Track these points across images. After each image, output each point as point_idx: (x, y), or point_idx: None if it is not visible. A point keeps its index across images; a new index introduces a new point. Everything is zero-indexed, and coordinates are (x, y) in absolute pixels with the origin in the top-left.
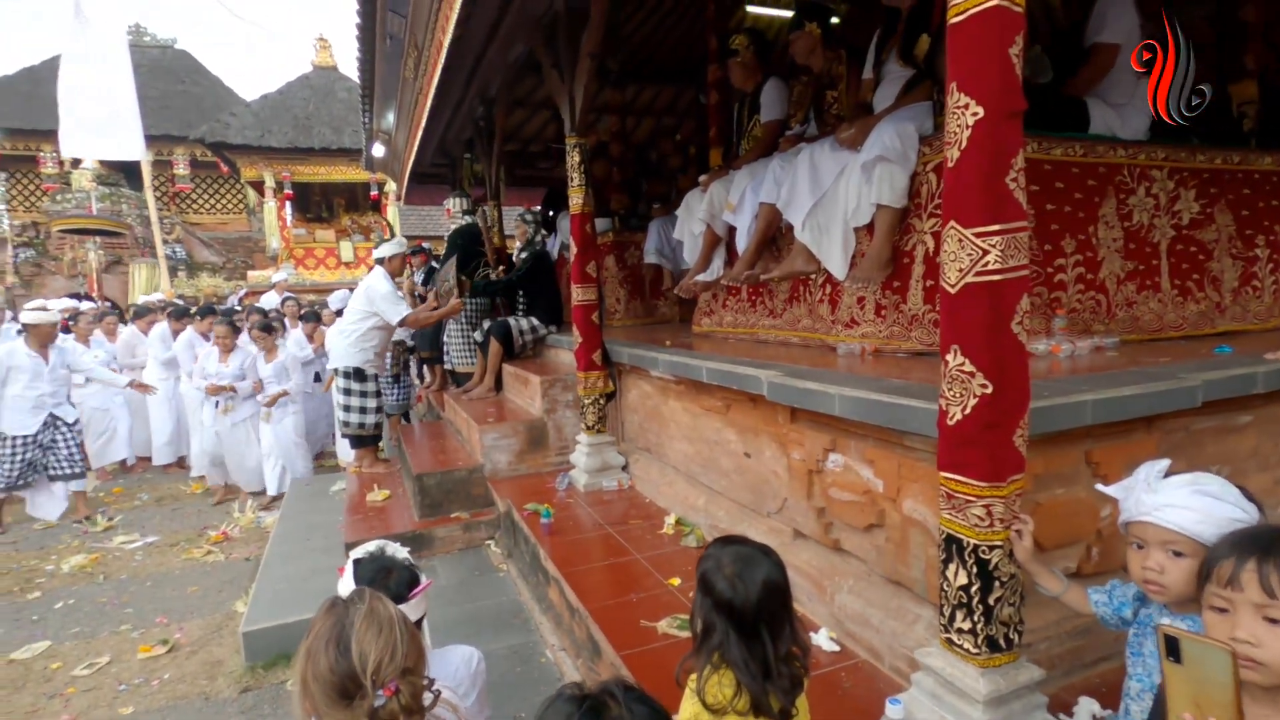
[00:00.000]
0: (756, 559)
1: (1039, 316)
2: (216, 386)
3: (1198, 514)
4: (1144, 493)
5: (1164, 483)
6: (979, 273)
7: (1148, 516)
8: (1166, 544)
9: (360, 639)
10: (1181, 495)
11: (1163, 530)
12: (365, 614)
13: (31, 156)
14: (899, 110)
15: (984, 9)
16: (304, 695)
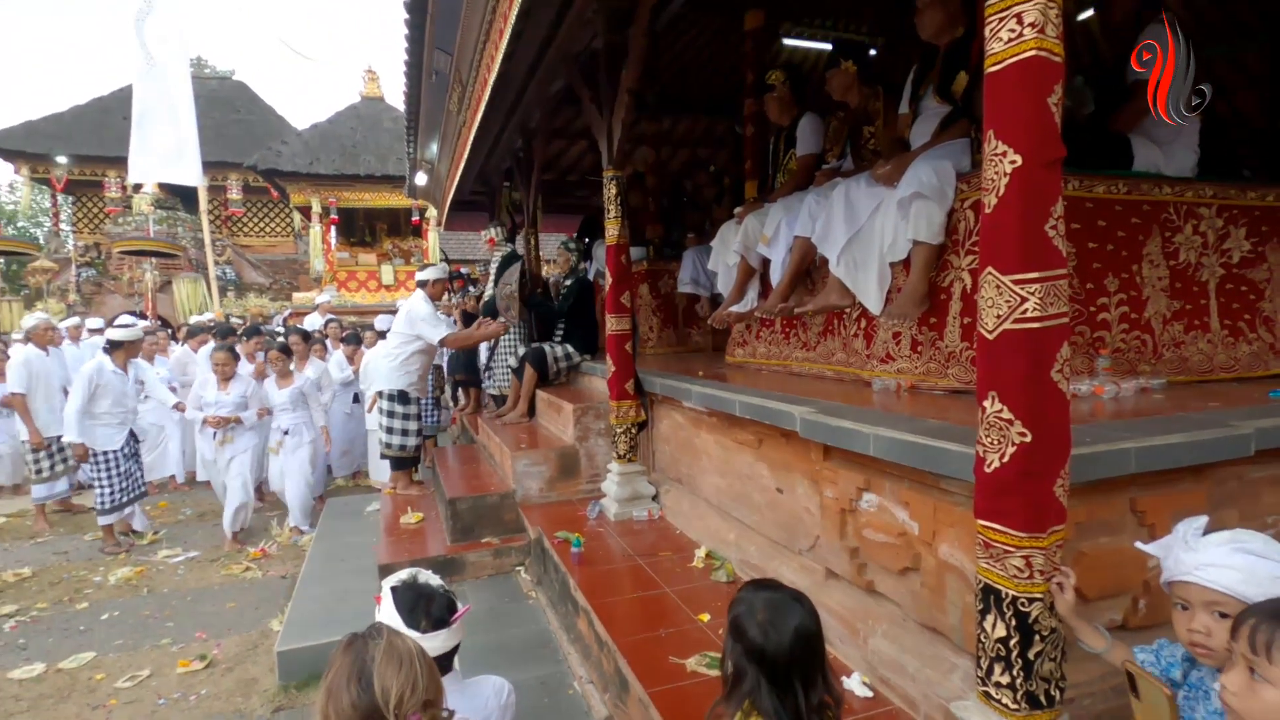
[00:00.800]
0: (789, 606)
1: (1082, 356)
2: (219, 419)
3: (1240, 573)
4: (1183, 551)
5: (1203, 540)
6: (1017, 320)
7: (1188, 576)
8: (1211, 605)
9: (381, 674)
10: (1222, 554)
11: (1205, 590)
12: (385, 649)
13: (98, 181)
14: (936, 147)
15: (1022, 59)
16: None
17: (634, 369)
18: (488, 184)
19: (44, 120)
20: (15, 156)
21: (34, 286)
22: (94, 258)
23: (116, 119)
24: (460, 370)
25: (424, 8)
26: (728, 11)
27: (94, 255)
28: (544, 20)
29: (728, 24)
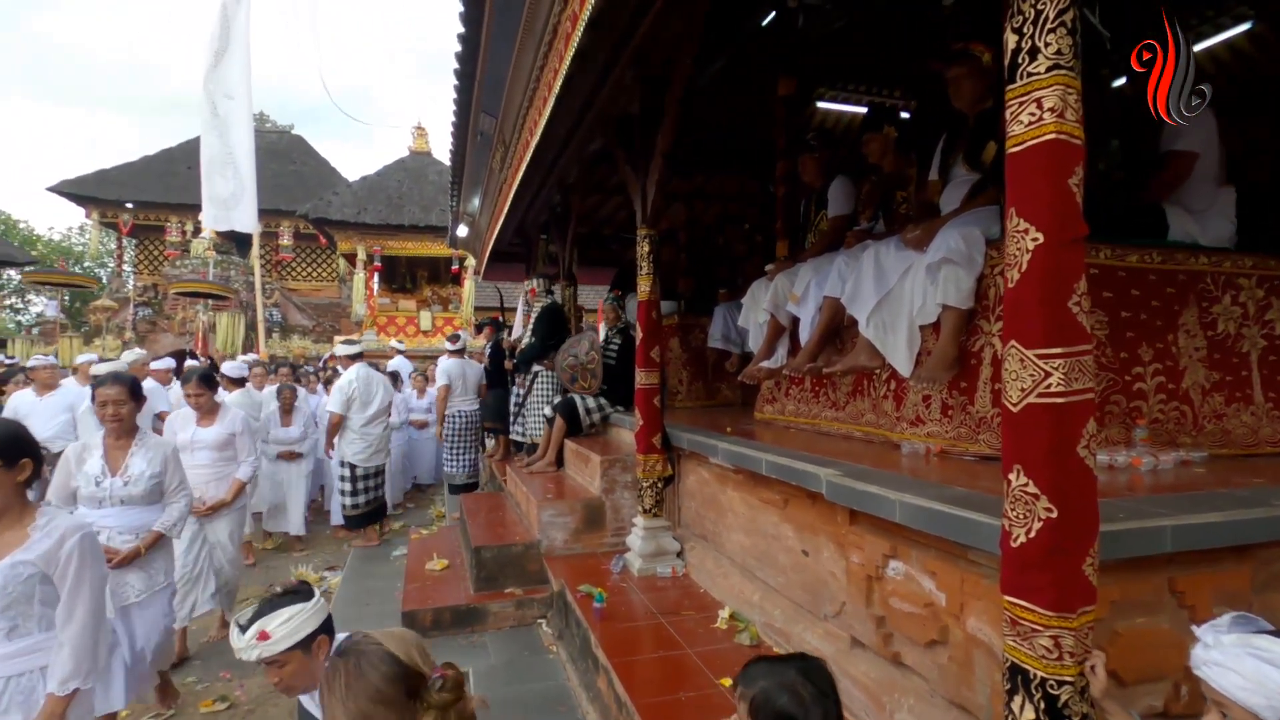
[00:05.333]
0: (810, 699)
1: (1118, 426)
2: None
3: (1245, 680)
4: (1201, 643)
5: (1223, 636)
6: (1041, 394)
7: (1197, 670)
8: (1218, 705)
9: (390, 643)
10: (1232, 655)
11: (1211, 689)
12: (373, 634)
13: (160, 226)
14: (966, 214)
15: (1043, 141)
16: None
17: (662, 423)
18: (525, 236)
19: (115, 169)
20: (87, 202)
21: (94, 324)
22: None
23: (181, 168)
24: (491, 417)
25: (472, 74)
26: (761, 78)
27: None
28: (584, 87)
29: (761, 89)
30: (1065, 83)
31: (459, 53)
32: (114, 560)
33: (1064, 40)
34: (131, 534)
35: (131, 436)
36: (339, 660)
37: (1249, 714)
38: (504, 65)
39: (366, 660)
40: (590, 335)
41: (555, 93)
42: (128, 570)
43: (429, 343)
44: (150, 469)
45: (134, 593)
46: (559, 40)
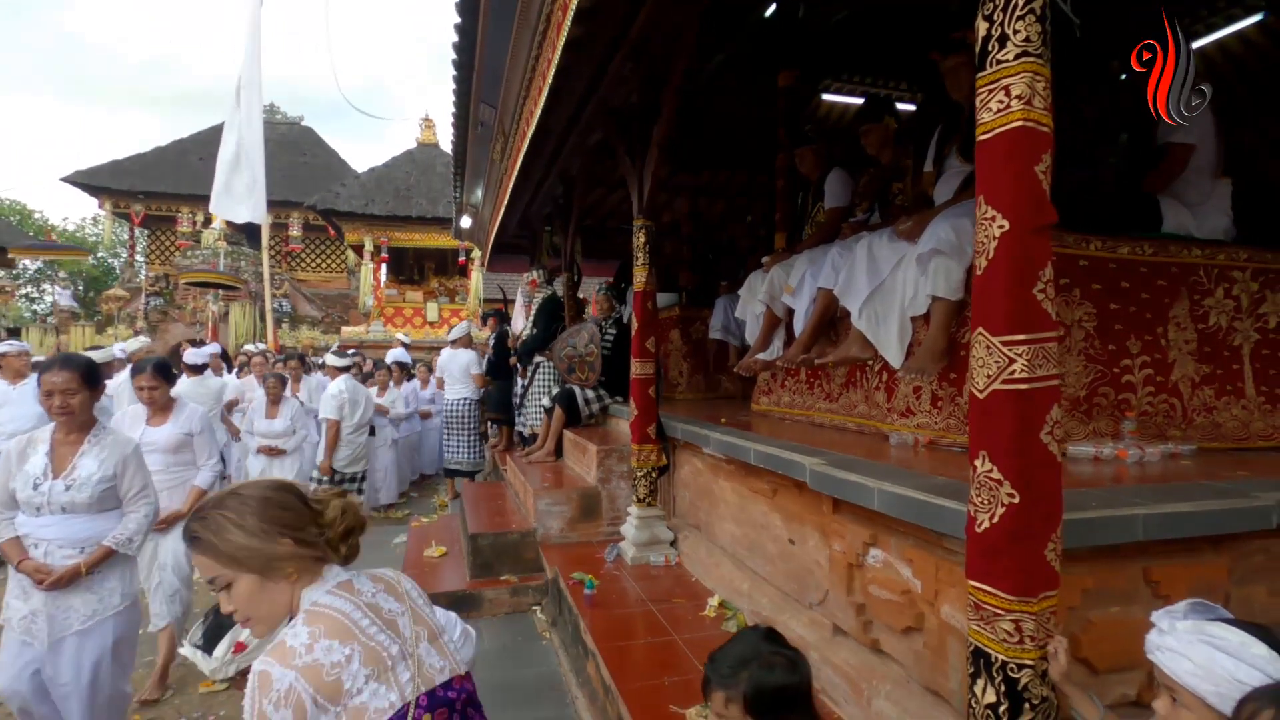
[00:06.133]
0: (791, 658)
1: (1106, 418)
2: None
3: (1194, 665)
4: (1156, 628)
5: (1178, 622)
6: (1006, 380)
7: (1150, 654)
8: (1169, 689)
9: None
10: (1184, 641)
11: (1163, 674)
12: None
13: (171, 217)
14: (957, 205)
15: (1010, 129)
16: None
17: (657, 413)
18: (529, 228)
19: (128, 160)
20: (100, 192)
21: (106, 313)
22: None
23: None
24: (494, 408)
25: (471, 65)
26: (762, 71)
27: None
28: (582, 78)
29: (763, 81)
30: (1034, 70)
31: (456, 42)
32: (47, 580)
33: (1033, 28)
34: (74, 548)
35: (85, 431)
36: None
37: (1198, 700)
38: (501, 55)
39: (242, 493)
40: (589, 327)
41: (549, 83)
42: (70, 592)
43: (436, 334)
44: (101, 471)
45: (77, 619)
46: (552, 30)
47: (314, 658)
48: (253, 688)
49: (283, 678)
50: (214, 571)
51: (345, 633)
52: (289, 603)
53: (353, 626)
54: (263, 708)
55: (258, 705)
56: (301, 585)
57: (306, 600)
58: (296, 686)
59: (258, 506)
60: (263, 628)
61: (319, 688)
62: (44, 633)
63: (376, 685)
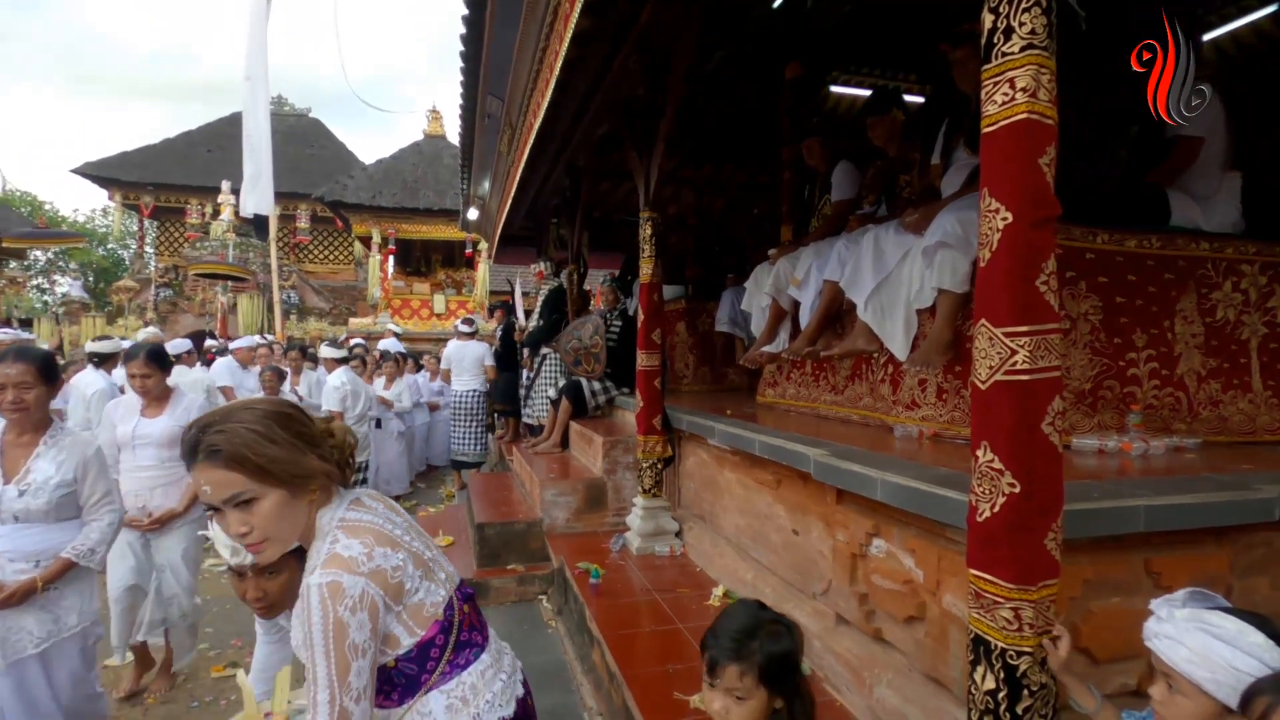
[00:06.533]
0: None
1: (1111, 411)
2: None
3: (1191, 653)
4: (1154, 615)
5: (1176, 610)
6: (1008, 371)
7: (1148, 642)
8: (1165, 675)
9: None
10: (1181, 629)
11: (1160, 661)
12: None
13: (180, 209)
14: (964, 198)
15: (1014, 122)
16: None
17: (662, 405)
18: (536, 220)
19: (137, 151)
20: (109, 184)
21: (116, 304)
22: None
23: (201, 152)
24: (500, 399)
25: (478, 57)
26: (768, 63)
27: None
28: (589, 70)
29: (769, 74)
30: (1039, 62)
31: (464, 34)
32: (11, 600)
33: (1038, 20)
34: (28, 561)
35: (40, 432)
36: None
37: (1193, 686)
38: (509, 47)
39: (255, 407)
40: (593, 319)
41: (556, 75)
42: (23, 611)
43: (443, 326)
44: (60, 475)
45: (30, 641)
46: (560, 22)
47: (376, 564)
48: (320, 599)
49: (355, 584)
50: (238, 487)
51: (392, 541)
52: (303, 524)
53: (394, 534)
54: (339, 615)
55: (332, 614)
56: (318, 506)
57: (325, 520)
58: (369, 590)
59: (279, 419)
60: (274, 550)
61: (386, 589)
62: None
63: (428, 584)
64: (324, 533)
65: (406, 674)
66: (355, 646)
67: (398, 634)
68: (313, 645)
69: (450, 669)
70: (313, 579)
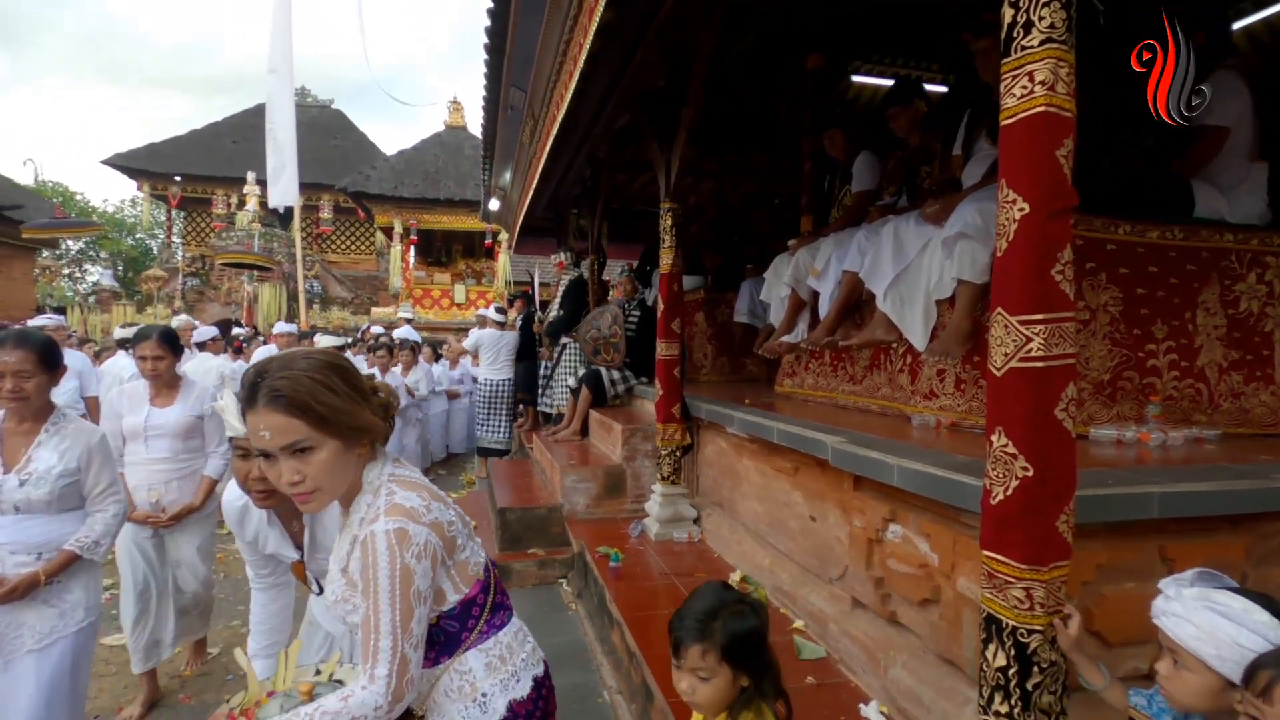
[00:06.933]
0: (753, 604)
1: (1130, 402)
2: None
3: (1198, 630)
4: (1162, 594)
5: (1185, 589)
6: (1023, 359)
7: (1155, 619)
8: (1171, 652)
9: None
10: (1189, 606)
11: (1167, 638)
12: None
13: (206, 199)
14: (984, 189)
15: (1032, 114)
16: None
17: (681, 394)
18: (557, 210)
19: (164, 143)
20: (138, 175)
21: (145, 293)
22: (199, 268)
23: (226, 143)
24: (521, 388)
25: (502, 49)
26: (790, 53)
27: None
28: (611, 63)
29: (790, 64)
30: (1058, 56)
31: (488, 26)
32: (12, 595)
33: (1058, 14)
34: (29, 554)
35: (41, 420)
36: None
37: (1199, 662)
38: (533, 39)
39: (312, 355)
40: (612, 309)
41: (580, 67)
42: (24, 606)
43: (462, 315)
44: (62, 464)
45: (32, 637)
46: (584, 14)
47: (434, 517)
48: (388, 545)
49: (419, 532)
50: (298, 434)
51: (441, 499)
52: (351, 477)
53: (439, 493)
54: (406, 561)
55: (399, 559)
56: (365, 460)
57: (373, 475)
58: (431, 540)
59: (338, 370)
60: (322, 500)
61: (444, 542)
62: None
63: (472, 544)
64: (373, 486)
65: (448, 631)
66: (419, 594)
67: (445, 589)
68: (377, 591)
69: (488, 628)
70: (378, 525)
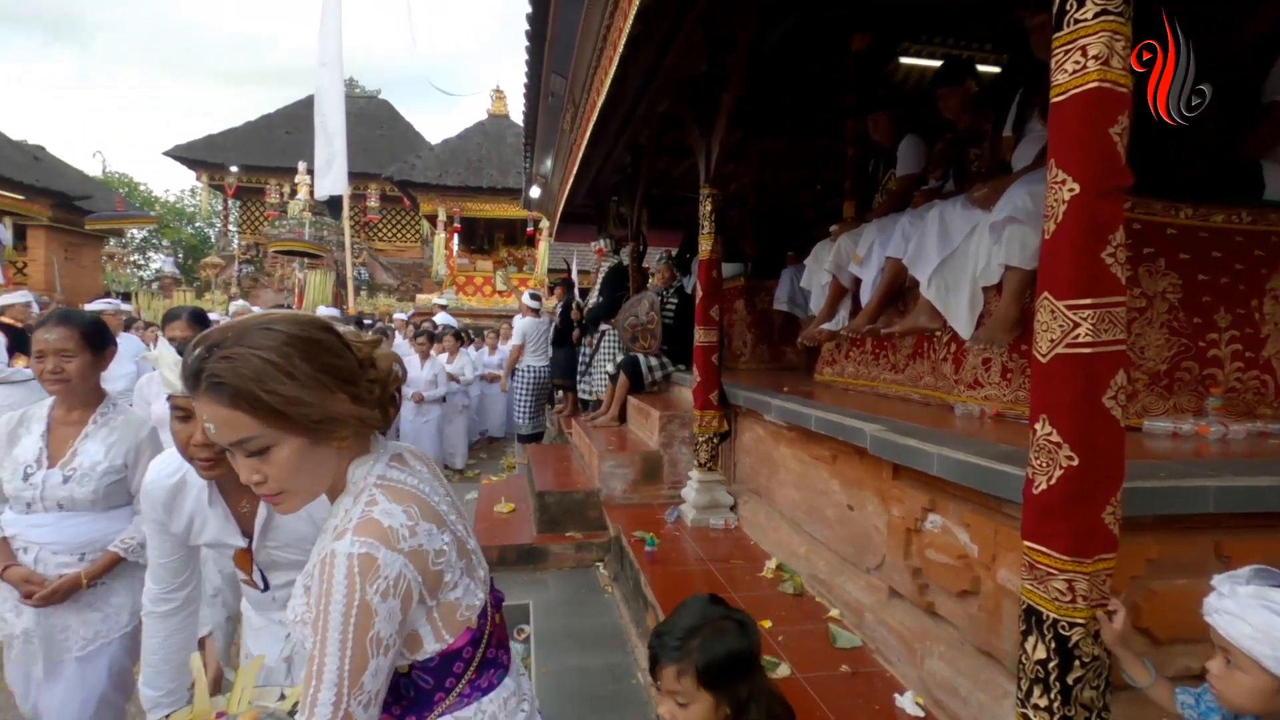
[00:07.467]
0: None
1: (1189, 394)
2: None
3: (1252, 629)
4: (1216, 591)
5: (1240, 586)
6: (1069, 344)
7: (1207, 617)
8: (1224, 651)
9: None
10: (1244, 605)
11: (1219, 636)
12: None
13: (260, 189)
14: (1035, 171)
15: (1085, 90)
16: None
17: (719, 381)
18: (597, 197)
19: (221, 134)
20: (197, 165)
21: (204, 279)
22: (254, 256)
23: (279, 134)
24: (559, 374)
25: (543, 35)
26: (834, 34)
27: (254, 253)
28: (652, 47)
29: (834, 46)
30: (1113, 29)
31: (529, 13)
32: (39, 594)
33: None
34: (72, 554)
35: (91, 409)
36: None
37: (1253, 662)
38: (573, 25)
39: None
40: (649, 296)
41: (620, 52)
42: (65, 610)
43: (504, 302)
44: (109, 460)
45: (76, 643)
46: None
47: (419, 542)
48: (347, 574)
49: (391, 562)
50: (246, 431)
51: (438, 517)
52: (333, 472)
53: (439, 509)
54: (367, 598)
55: (358, 595)
56: (351, 454)
57: (359, 474)
58: (406, 574)
59: (304, 347)
60: (295, 502)
61: (425, 577)
62: (40, 657)
63: (468, 580)
64: (356, 488)
65: (420, 687)
66: (378, 641)
67: (423, 635)
68: (326, 629)
69: (470, 690)
70: (341, 545)
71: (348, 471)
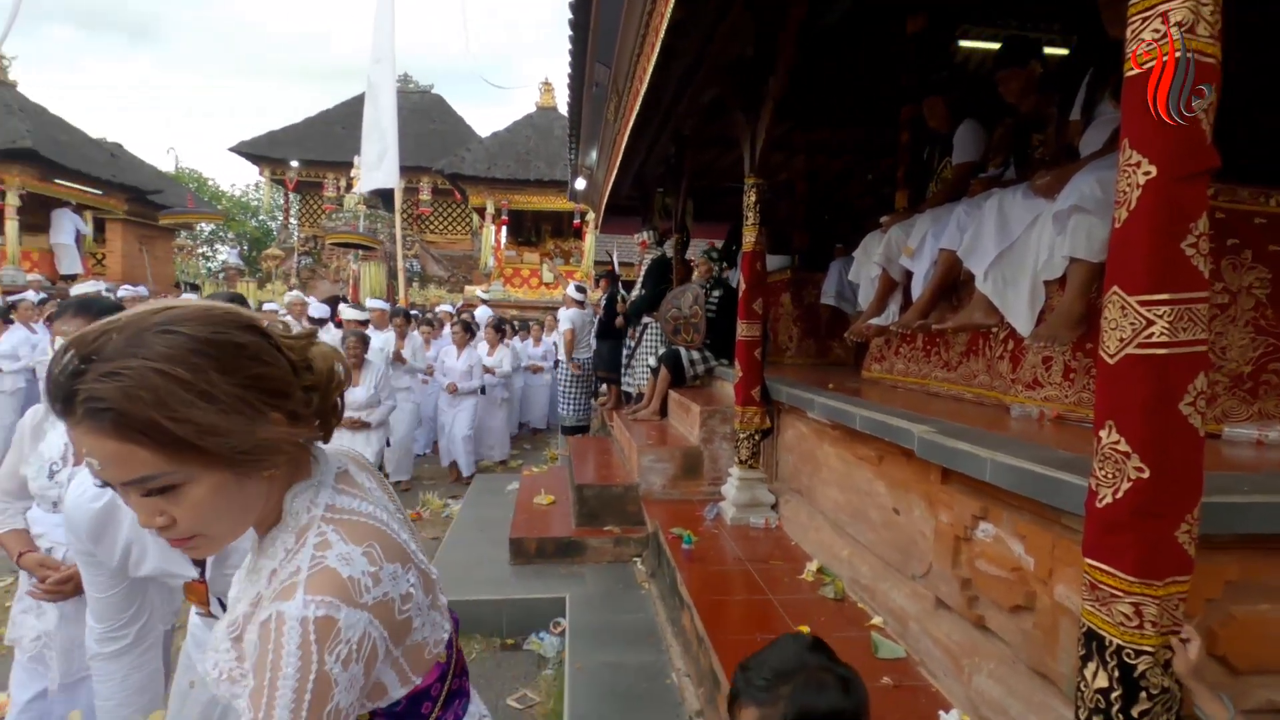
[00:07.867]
0: (844, 676)
1: (1276, 398)
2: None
3: None
4: None
5: None
6: (1141, 344)
7: None
8: None
9: None
10: None
11: None
12: None
13: (319, 183)
14: (1105, 157)
15: (1165, 61)
16: None
17: (761, 376)
18: (642, 189)
19: (282, 130)
20: (259, 160)
21: (265, 270)
22: (312, 248)
23: (337, 129)
24: (603, 367)
25: (586, 24)
26: (888, 16)
27: (312, 246)
28: (697, 30)
29: (888, 29)
30: None
31: (573, 2)
32: (53, 577)
33: None
34: None
35: None
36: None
37: None
38: (616, 13)
39: (178, 329)
40: (693, 289)
41: (662, 38)
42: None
43: (551, 294)
44: None
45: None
46: None
47: (384, 590)
48: (301, 642)
49: (354, 622)
50: (145, 468)
51: (401, 553)
52: (260, 506)
53: (399, 539)
54: (326, 668)
55: (315, 665)
56: (283, 480)
57: (299, 503)
58: (371, 632)
59: (220, 356)
60: (211, 546)
61: (390, 630)
62: (57, 668)
63: (434, 614)
64: (297, 522)
65: None
66: (337, 712)
67: (387, 683)
68: (272, 704)
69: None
70: (291, 607)
71: (284, 501)
